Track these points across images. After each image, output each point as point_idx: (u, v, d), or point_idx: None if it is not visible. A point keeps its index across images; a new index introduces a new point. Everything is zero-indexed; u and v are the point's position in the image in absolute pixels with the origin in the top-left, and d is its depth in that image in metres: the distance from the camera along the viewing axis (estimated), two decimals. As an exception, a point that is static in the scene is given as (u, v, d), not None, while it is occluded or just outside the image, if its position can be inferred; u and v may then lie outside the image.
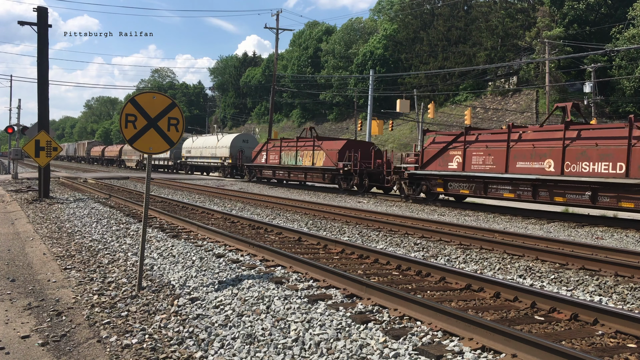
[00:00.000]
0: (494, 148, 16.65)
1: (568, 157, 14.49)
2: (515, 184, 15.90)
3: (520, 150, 15.79)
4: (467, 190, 17.59)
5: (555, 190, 14.83)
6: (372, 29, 70.86)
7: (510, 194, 16.14)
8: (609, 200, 13.61)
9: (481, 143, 17.17)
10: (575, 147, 14.39)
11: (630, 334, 4.60)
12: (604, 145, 13.76)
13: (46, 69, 17.44)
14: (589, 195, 13.88)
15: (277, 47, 46.06)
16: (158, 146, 6.19)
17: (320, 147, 26.76)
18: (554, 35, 42.29)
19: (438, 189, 18.89)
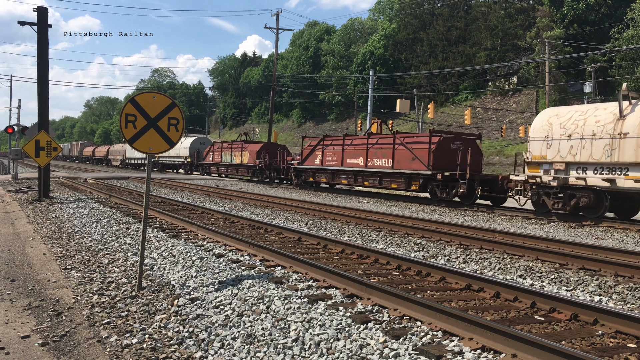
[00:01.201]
0: (337, 150, 24.62)
1: (369, 156, 22.51)
2: (346, 174, 24.13)
3: (348, 152, 23.87)
4: (324, 178, 25.92)
5: (364, 177, 22.85)
6: (372, 29, 70.86)
7: (344, 180, 24.45)
8: (386, 183, 21.63)
9: (331, 146, 25.20)
10: (371, 150, 22.36)
11: (630, 334, 4.60)
12: (384, 149, 21.70)
13: (46, 69, 17.44)
14: (378, 180, 21.90)
15: (277, 47, 46.08)
16: (158, 146, 6.19)
17: (246, 149, 34.33)
18: (554, 35, 42.30)
19: (310, 178, 26.83)
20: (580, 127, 14.39)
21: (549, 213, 15.27)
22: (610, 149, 13.67)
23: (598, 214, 14.07)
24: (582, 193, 14.25)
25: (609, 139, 13.69)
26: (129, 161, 57.04)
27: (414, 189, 20.46)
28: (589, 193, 14.07)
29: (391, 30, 63.23)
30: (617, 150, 13.51)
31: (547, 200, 15.12)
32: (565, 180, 14.63)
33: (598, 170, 13.96)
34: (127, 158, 57.04)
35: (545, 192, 15.14)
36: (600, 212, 14.07)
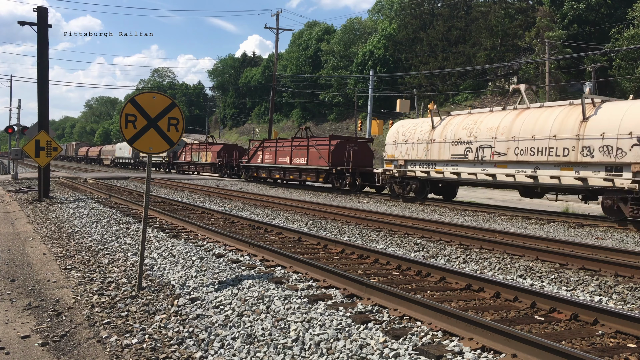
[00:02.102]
0: (272, 151, 30.52)
1: (293, 156, 28.28)
2: (278, 170, 29.95)
3: (279, 152, 29.68)
4: (264, 173, 31.79)
5: (290, 172, 28.87)
6: (371, 29, 70.87)
7: (277, 175, 30.21)
8: (304, 176, 27.47)
9: (269, 148, 31.10)
10: (294, 151, 28.21)
11: (630, 334, 4.60)
12: (302, 150, 27.51)
13: (46, 69, 17.44)
14: (298, 174, 27.80)
15: (277, 47, 46.07)
16: (158, 146, 6.19)
17: (210, 149, 40.80)
18: (554, 35, 42.30)
19: (254, 174, 33.19)
20: (413, 135, 20.13)
21: (398, 196, 20.89)
22: (426, 150, 19.38)
23: (423, 196, 20.08)
24: (413, 181, 20.08)
25: (426, 144, 19.42)
26: (117, 160, 63.24)
27: (320, 180, 26.47)
28: (416, 181, 19.97)
29: (391, 30, 63.23)
30: (430, 151, 19.19)
31: (395, 187, 20.79)
32: (404, 172, 20.40)
33: (421, 165, 19.65)
34: (116, 158, 63.41)
35: (394, 181, 20.86)
36: (424, 195, 20.17)
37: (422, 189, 19.77)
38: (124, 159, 59.87)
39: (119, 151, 62.17)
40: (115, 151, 64.20)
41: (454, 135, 18.21)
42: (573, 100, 15.71)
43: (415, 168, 19.76)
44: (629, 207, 13.10)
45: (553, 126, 15.00)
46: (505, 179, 16.38)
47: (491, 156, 16.69)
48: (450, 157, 18.25)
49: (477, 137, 17.30)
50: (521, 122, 16.05)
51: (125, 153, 59.57)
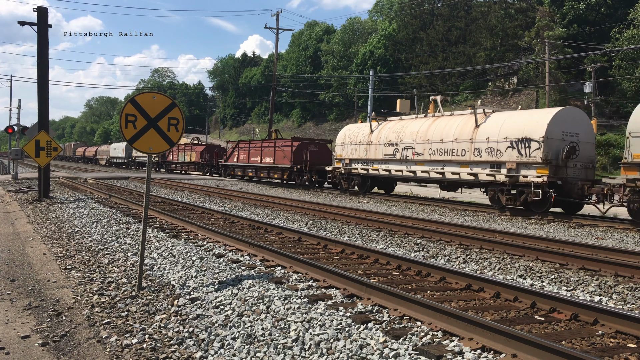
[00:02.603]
0: (246, 151, 34.12)
1: (262, 155, 31.71)
2: (251, 168, 33.61)
3: (252, 153, 33.28)
4: (240, 172, 35.47)
5: (260, 170, 32.19)
6: (371, 29, 70.87)
7: (250, 172, 33.94)
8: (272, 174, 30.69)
9: (243, 148, 34.67)
10: (264, 151, 31.58)
11: (630, 334, 4.60)
12: (270, 150, 30.87)
13: (46, 69, 17.44)
14: (267, 172, 31.14)
15: (277, 47, 46.08)
16: (158, 146, 6.19)
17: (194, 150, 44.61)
18: (554, 35, 42.30)
19: (231, 172, 36.77)
20: (356, 138, 23.24)
21: (345, 190, 23.96)
22: (366, 151, 22.41)
23: (364, 190, 23.08)
24: (356, 177, 23.29)
25: (366, 145, 22.43)
26: (112, 160, 66.36)
27: (285, 177, 29.41)
28: (359, 177, 23.17)
29: (391, 30, 63.23)
30: (368, 151, 22.23)
31: (343, 182, 23.98)
32: (349, 170, 23.51)
33: (362, 164, 22.66)
34: (111, 157, 66.63)
35: (342, 177, 24.02)
36: (366, 189, 23.17)
37: (364, 183, 23.22)
38: (118, 159, 63.38)
39: (113, 151, 65.85)
40: (110, 151, 67.72)
41: (386, 138, 21.37)
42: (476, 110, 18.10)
43: (358, 166, 22.99)
44: (504, 197, 16.29)
45: (455, 131, 18.13)
46: (422, 175, 19.51)
47: (412, 156, 19.93)
48: (383, 156, 21.43)
49: (402, 140, 20.47)
50: (434, 127, 19.25)
51: (119, 153, 62.76)
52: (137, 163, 57.24)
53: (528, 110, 18.52)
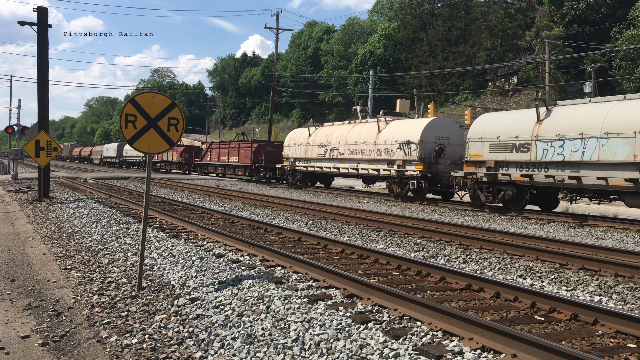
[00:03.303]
0: (216, 151, 38.61)
1: (230, 155, 36.06)
2: (221, 166, 37.92)
3: (221, 153, 37.62)
4: (212, 170, 40.06)
5: (228, 169, 36.83)
6: (371, 29, 70.86)
7: (220, 170, 38.40)
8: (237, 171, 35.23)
9: (215, 149, 39.08)
10: (230, 151, 35.91)
11: (630, 334, 4.60)
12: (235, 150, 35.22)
13: (46, 69, 17.44)
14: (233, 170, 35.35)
15: (277, 47, 46.08)
16: (158, 146, 6.19)
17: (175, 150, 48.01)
18: (554, 35, 42.30)
19: (205, 170, 41.45)
20: (299, 140, 27.81)
21: (291, 184, 28.31)
22: (305, 151, 26.85)
23: (305, 184, 27.58)
24: (299, 173, 27.77)
25: (305, 146, 26.97)
26: (105, 160, 70.90)
27: (247, 174, 34.65)
28: (300, 173, 27.70)
29: (391, 30, 63.22)
30: (307, 152, 26.73)
31: (289, 178, 28.48)
32: (293, 167, 28.12)
33: (302, 162, 27.19)
34: (104, 157, 71.50)
35: (288, 173, 28.54)
36: (306, 183, 27.66)
37: (305, 178, 27.70)
38: (110, 158, 68.37)
39: (106, 151, 71.31)
40: (103, 151, 73.19)
41: (320, 141, 25.94)
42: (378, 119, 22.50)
43: (300, 164, 27.49)
44: (395, 187, 20.96)
45: (365, 136, 22.84)
46: (344, 171, 24.29)
47: (337, 155, 24.52)
48: (317, 155, 25.98)
49: (330, 142, 25.03)
50: (352, 132, 23.85)
51: (112, 153, 67.54)
52: (127, 162, 61.93)
53: (412, 120, 23.12)
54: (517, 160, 15.87)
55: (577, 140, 14.26)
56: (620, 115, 13.49)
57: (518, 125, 16.21)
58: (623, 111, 13.58)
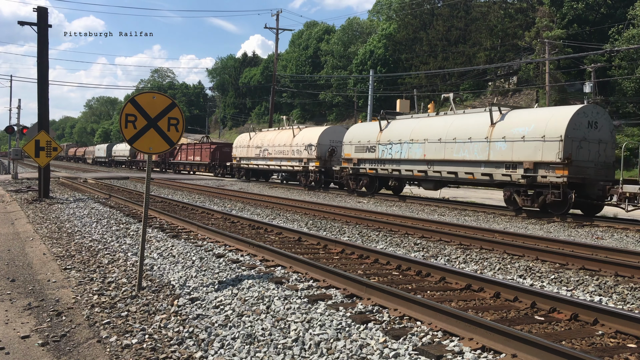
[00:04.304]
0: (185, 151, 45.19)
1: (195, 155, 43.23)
2: (188, 165, 44.94)
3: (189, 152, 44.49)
4: (182, 168, 46.49)
5: (194, 167, 43.75)
6: (371, 29, 70.84)
7: (188, 168, 45.33)
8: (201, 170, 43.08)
9: (185, 149, 45.12)
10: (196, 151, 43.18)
11: (630, 334, 4.60)
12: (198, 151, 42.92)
13: (46, 69, 17.44)
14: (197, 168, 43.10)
15: (277, 47, 46.09)
16: (158, 146, 6.19)
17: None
18: (553, 35, 42.29)
19: (177, 168, 47.86)
20: (242, 142, 34.02)
21: (238, 178, 34.87)
22: (247, 151, 33.03)
23: (248, 178, 33.84)
24: (243, 170, 34.12)
25: (247, 147, 33.13)
26: (96, 159, 76.64)
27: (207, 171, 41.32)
28: (244, 169, 34.09)
29: (391, 30, 63.21)
30: (248, 152, 32.75)
31: (236, 173, 34.91)
32: (239, 165, 34.27)
33: (245, 161, 33.42)
34: (96, 157, 77.28)
35: (236, 170, 35.19)
36: (257, 179, 33.80)
37: (247, 174, 34.11)
38: (101, 158, 74.30)
39: (97, 151, 77.35)
40: (94, 151, 79.24)
41: (256, 143, 32.30)
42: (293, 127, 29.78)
43: (243, 162, 33.73)
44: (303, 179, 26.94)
45: (285, 139, 29.04)
46: (272, 168, 30.73)
47: (267, 155, 30.66)
48: (255, 155, 32.19)
49: (264, 144, 31.31)
50: (278, 137, 30.07)
51: (102, 153, 73.65)
52: (115, 161, 67.88)
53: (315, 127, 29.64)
54: (368, 158, 22.17)
55: (398, 144, 20.41)
56: (419, 128, 19.73)
57: (369, 134, 22.27)
58: (419, 125, 19.90)
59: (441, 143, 18.38)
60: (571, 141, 14.66)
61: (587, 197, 14.80)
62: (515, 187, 15.85)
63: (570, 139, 14.63)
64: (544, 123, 15.19)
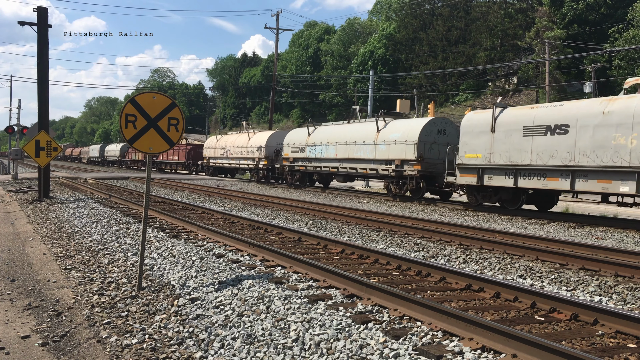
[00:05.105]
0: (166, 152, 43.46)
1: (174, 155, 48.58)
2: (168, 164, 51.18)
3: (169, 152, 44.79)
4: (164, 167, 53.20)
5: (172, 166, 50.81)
6: (370, 29, 70.82)
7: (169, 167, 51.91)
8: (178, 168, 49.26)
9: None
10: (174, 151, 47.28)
11: (630, 334, 4.60)
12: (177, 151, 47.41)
13: (46, 69, 17.44)
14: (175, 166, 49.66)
15: (277, 47, 46.09)
16: (158, 146, 6.19)
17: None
18: (553, 35, 42.29)
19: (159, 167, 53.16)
20: (211, 144, 39.62)
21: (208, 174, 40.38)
22: (214, 152, 38.96)
23: (216, 174, 40.21)
24: (212, 167, 40.05)
25: (214, 148, 38.92)
26: (90, 159, 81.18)
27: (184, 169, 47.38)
28: (216, 168, 39.81)
29: (391, 30, 63.19)
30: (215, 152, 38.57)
31: (206, 170, 40.62)
32: (208, 163, 39.89)
33: (213, 160, 39.21)
34: (90, 157, 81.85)
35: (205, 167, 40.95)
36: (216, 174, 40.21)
37: (215, 171, 40.45)
38: (95, 157, 79.19)
39: (91, 152, 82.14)
40: (89, 152, 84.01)
41: (221, 145, 37.96)
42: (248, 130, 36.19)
43: (212, 161, 39.49)
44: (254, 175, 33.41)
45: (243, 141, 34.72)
46: (233, 166, 36.43)
47: (229, 154, 36.47)
48: (220, 155, 37.99)
49: (226, 146, 37.06)
50: (238, 139, 35.78)
51: (95, 153, 78.61)
52: (107, 161, 72.55)
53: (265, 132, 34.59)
54: (300, 157, 27.57)
55: (319, 146, 25.97)
56: (334, 133, 25.37)
57: (301, 137, 27.84)
58: (334, 131, 25.58)
59: (347, 145, 24.09)
60: (423, 144, 19.95)
61: (435, 185, 20.08)
62: (391, 178, 21.45)
63: (422, 143, 19.95)
64: (408, 131, 20.60)
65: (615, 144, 12.96)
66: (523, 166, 15.09)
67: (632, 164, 12.54)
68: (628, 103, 12.95)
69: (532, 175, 14.97)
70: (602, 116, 13.31)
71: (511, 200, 16.15)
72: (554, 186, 14.40)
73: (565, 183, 14.06)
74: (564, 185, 14.14)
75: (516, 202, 16.08)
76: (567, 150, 13.97)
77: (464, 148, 17.10)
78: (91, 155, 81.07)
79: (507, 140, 15.65)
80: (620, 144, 12.88)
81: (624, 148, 12.76)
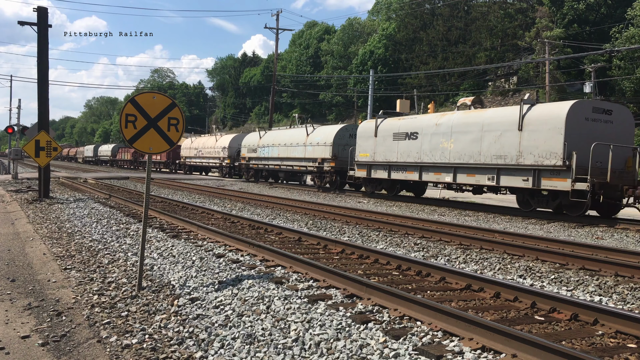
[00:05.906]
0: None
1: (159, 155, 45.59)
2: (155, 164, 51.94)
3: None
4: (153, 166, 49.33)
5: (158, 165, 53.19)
6: (371, 29, 70.83)
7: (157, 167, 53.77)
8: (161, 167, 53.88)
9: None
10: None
11: (630, 334, 4.60)
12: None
13: (46, 69, 17.44)
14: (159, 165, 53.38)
15: (277, 47, 46.10)
16: (158, 146, 6.19)
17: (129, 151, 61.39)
18: (554, 35, 42.29)
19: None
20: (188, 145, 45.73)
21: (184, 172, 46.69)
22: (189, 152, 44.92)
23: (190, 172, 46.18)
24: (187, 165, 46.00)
25: (189, 149, 45.00)
26: (85, 159, 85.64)
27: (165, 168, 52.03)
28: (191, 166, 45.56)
29: (391, 30, 63.19)
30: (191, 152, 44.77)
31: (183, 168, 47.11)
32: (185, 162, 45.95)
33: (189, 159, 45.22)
34: (85, 157, 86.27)
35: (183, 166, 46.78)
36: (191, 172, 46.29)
37: (190, 169, 45.65)
38: (89, 157, 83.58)
39: (86, 152, 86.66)
40: (84, 151, 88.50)
41: (195, 146, 43.29)
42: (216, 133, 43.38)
43: (187, 160, 44.90)
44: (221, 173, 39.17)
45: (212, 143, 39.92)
46: (204, 164, 41.77)
47: (201, 154, 41.86)
48: (194, 155, 43.45)
49: (199, 147, 42.51)
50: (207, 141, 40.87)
51: (90, 153, 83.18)
52: (100, 161, 77.29)
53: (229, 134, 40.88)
54: (254, 157, 32.49)
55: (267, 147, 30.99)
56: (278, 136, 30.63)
57: (254, 140, 32.74)
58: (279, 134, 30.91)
59: (286, 146, 29.10)
60: (337, 146, 25.16)
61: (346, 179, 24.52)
62: (315, 174, 26.62)
63: (336, 145, 25.22)
64: (327, 135, 25.92)
65: (442, 147, 18.05)
66: (393, 163, 20.40)
67: (450, 161, 17.69)
68: (450, 117, 18.30)
69: (399, 170, 20.19)
70: (435, 127, 18.50)
71: (389, 188, 21.50)
72: (411, 177, 19.69)
73: (416, 175, 19.33)
74: (415, 177, 19.36)
75: (393, 190, 21.39)
76: (417, 151, 19.15)
77: (358, 149, 22.52)
78: (86, 155, 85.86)
79: (384, 144, 20.94)
80: (445, 147, 17.95)
81: (447, 150, 17.84)
